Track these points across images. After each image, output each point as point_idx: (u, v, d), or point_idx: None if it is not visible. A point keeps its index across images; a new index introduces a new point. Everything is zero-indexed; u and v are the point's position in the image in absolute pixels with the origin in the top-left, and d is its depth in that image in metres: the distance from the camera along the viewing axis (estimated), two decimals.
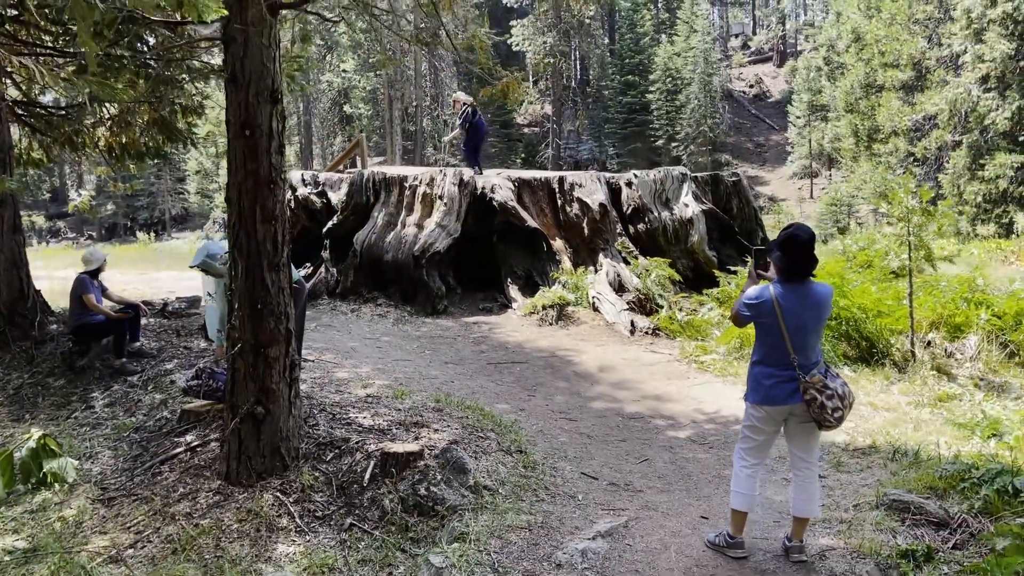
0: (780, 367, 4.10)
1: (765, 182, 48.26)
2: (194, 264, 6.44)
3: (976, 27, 29.72)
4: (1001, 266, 20.70)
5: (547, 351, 9.11)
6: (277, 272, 5.33)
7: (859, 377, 7.62)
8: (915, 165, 32.69)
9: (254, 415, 5.25)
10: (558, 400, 7.42)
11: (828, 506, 4.89)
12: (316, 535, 4.74)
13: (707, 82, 46.98)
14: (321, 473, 5.30)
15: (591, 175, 11.94)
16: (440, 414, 6.33)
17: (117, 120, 10.16)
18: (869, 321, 8.00)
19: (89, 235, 53.87)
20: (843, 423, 4.09)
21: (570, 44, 51.94)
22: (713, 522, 4.77)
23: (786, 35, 63.41)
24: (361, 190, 11.81)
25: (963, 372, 7.68)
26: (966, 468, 4.97)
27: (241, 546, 4.63)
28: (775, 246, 4.13)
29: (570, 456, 5.96)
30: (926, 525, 4.51)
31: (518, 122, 55.77)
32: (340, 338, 9.27)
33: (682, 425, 6.71)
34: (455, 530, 4.60)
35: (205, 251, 6.43)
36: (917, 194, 7.50)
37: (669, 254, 11.42)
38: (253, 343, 5.25)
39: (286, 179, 5.43)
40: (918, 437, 5.89)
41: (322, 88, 52.15)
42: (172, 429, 6.21)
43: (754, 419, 4.24)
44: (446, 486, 5.01)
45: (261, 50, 5.26)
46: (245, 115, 5.21)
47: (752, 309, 4.15)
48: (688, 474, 5.64)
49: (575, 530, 4.66)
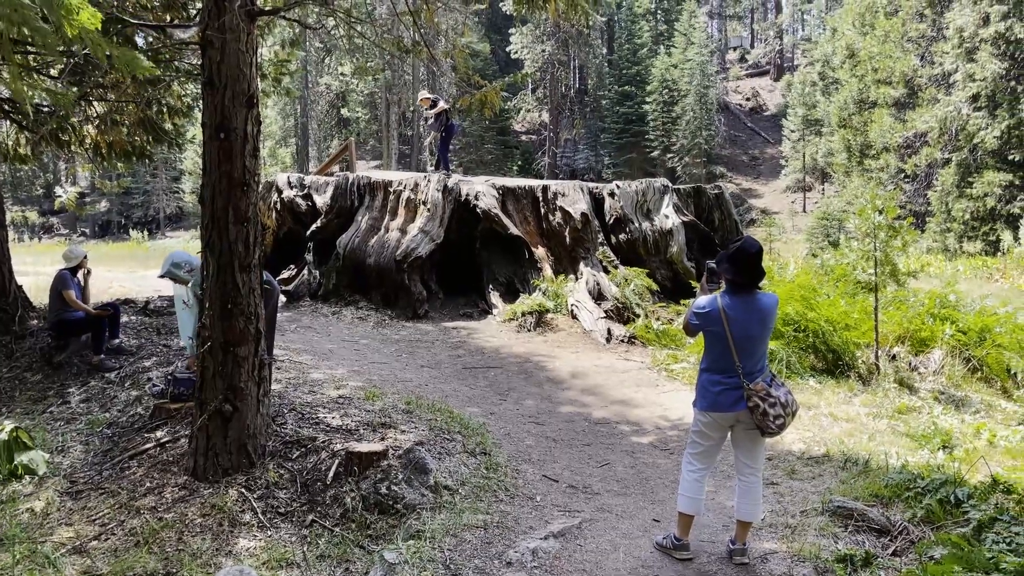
0: (726, 374, 4.24)
1: (759, 195, 48.52)
2: (161, 274, 6.55)
3: (968, 46, 30.01)
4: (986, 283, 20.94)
5: (523, 357, 9.25)
6: (248, 273, 5.46)
7: (824, 388, 7.77)
8: (905, 181, 32.96)
9: (222, 412, 5.37)
10: (528, 405, 7.55)
11: (776, 511, 5.03)
12: (278, 531, 4.86)
13: (703, 94, 47.26)
14: (286, 471, 5.42)
15: (574, 184, 12.10)
16: (409, 416, 6.46)
17: (104, 119, 10.30)
18: (836, 334, 8.16)
19: (82, 232, 53.91)
20: (785, 430, 4.24)
21: (568, 53, 52.24)
22: (664, 525, 4.90)
23: (783, 49, 63.80)
24: (346, 194, 11.96)
25: (925, 386, 7.84)
26: (912, 478, 5.11)
27: (203, 540, 4.74)
28: (724, 258, 4.28)
29: (534, 459, 6.09)
30: (868, 531, 4.65)
31: (515, 129, 56.05)
32: (319, 340, 9.39)
33: (646, 431, 6.85)
34: (412, 528, 4.73)
35: (170, 260, 6.55)
36: (884, 211, 7.66)
37: (649, 264, 11.57)
38: (222, 342, 5.37)
39: (259, 182, 5.55)
40: (871, 447, 6.03)
41: (320, 91, 52.38)
42: (144, 425, 6.33)
43: (701, 425, 4.38)
44: (407, 485, 5.13)
45: (238, 55, 5.39)
46: (220, 118, 5.34)
47: (700, 318, 4.29)
48: (646, 479, 5.77)
49: (529, 530, 4.79)
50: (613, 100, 50.22)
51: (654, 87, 48.00)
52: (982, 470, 5.27)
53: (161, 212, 52.00)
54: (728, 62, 65.65)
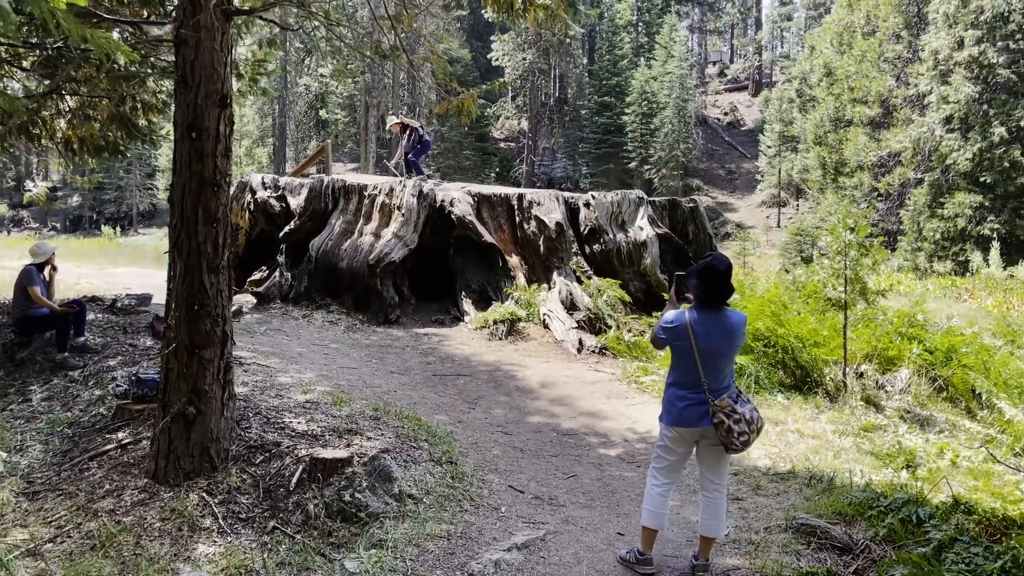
0: (692, 390, 4.25)
1: (734, 209, 48.94)
2: None
3: (943, 68, 30.53)
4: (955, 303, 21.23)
5: (493, 365, 9.22)
6: (217, 274, 5.39)
7: (792, 404, 7.82)
8: (878, 200, 33.43)
9: (185, 415, 5.30)
10: (497, 413, 7.52)
11: (740, 527, 5.04)
12: (238, 537, 4.79)
13: (682, 107, 47.62)
14: (249, 476, 5.35)
15: (550, 194, 12.11)
16: (376, 422, 6.41)
17: (77, 113, 10.15)
18: (805, 350, 8.22)
19: (53, 226, 53.15)
20: (750, 447, 4.25)
21: (549, 62, 52.39)
22: (629, 538, 4.89)
23: (762, 65, 64.54)
24: (320, 196, 11.88)
25: (892, 404, 7.92)
26: (875, 496, 5.15)
27: (161, 544, 4.66)
28: (693, 274, 4.29)
29: (500, 469, 6.06)
30: (830, 549, 4.67)
31: (494, 136, 56.10)
32: (288, 343, 9.31)
33: (614, 443, 6.85)
34: (374, 536, 4.68)
35: None
36: (855, 229, 7.74)
37: (622, 275, 11.60)
38: (188, 344, 5.30)
39: (231, 182, 5.50)
40: (836, 464, 6.08)
41: (299, 91, 52.09)
42: (105, 426, 6.22)
43: (667, 439, 4.38)
44: (371, 493, 5.08)
45: (212, 54, 5.34)
46: (193, 117, 5.29)
47: (668, 332, 4.30)
48: (612, 491, 5.76)
49: (493, 541, 4.76)
50: (592, 110, 50.45)
51: (633, 99, 48.27)
52: (944, 490, 5.32)
53: (134, 208, 51.40)
54: (707, 76, 66.23)
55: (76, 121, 10.12)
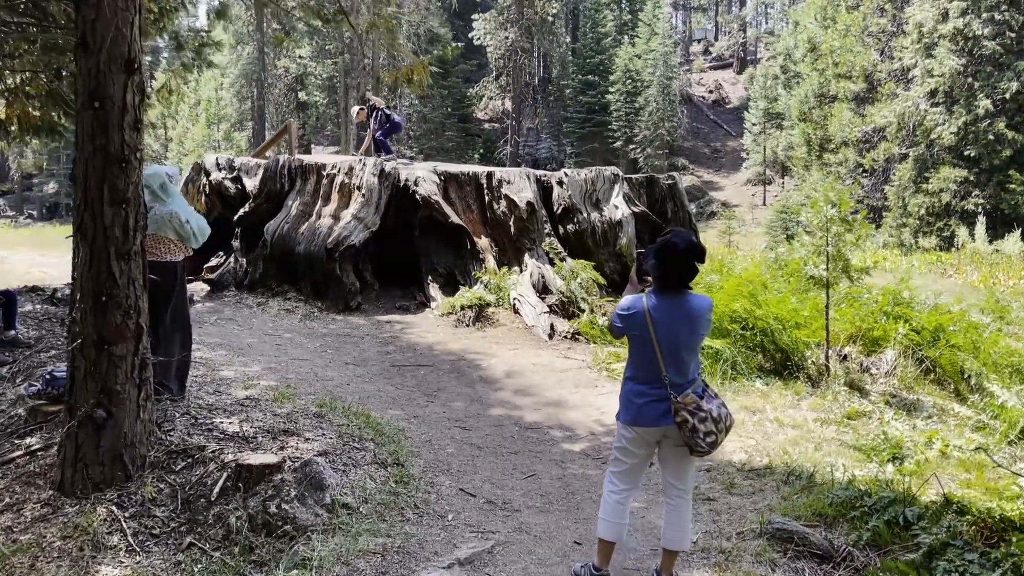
0: (652, 385, 3.74)
1: (720, 187, 48.45)
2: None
3: (927, 41, 30.03)
4: (940, 279, 20.86)
5: (457, 354, 8.69)
6: (127, 261, 4.84)
7: (771, 391, 7.33)
8: (863, 176, 33.00)
9: (94, 419, 4.75)
10: (456, 407, 7.00)
11: (711, 532, 4.55)
12: (149, 555, 4.27)
13: (666, 85, 46.98)
14: (167, 484, 4.81)
15: (521, 172, 11.55)
16: (319, 420, 5.88)
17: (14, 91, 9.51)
18: (785, 332, 7.73)
19: (29, 214, 52.20)
20: (717, 448, 3.74)
21: (532, 40, 51.53)
22: (586, 549, 4.39)
23: (747, 42, 63.81)
24: (276, 177, 11.25)
25: (877, 388, 7.44)
26: (858, 495, 4.66)
27: (59, 567, 4.14)
28: (651, 253, 3.76)
29: (453, 470, 5.55)
30: (808, 557, 4.20)
31: (478, 117, 55.32)
32: (238, 333, 8.74)
33: (579, 437, 6.35)
34: (298, 554, 4.16)
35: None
36: (837, 204, 7.23)
37: (597, 256, 11.08)
38: (96, 339, 4.75)
39: (142, 158, 4.92)
40: (817, 458, 5.59)
41: (278, 74, 51.09)
42: (17, 430, 5.66)
43: (625, 440, 3.87)
44: (299, 503, 4.56)
45: (116, 13, 4.75)
46: (94, 84, 4.72)
47: (623, 320, 3.78)
48: (572, 492, 5.26)
49: (433, 556, 4.25)
50: (576, 89, 49.72)
51: (617, 77, 47.58)
52: (934, 486, 4.84)
53: None
54: (692, 54, 65.58)
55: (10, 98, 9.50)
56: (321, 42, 47.94)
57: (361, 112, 13.36)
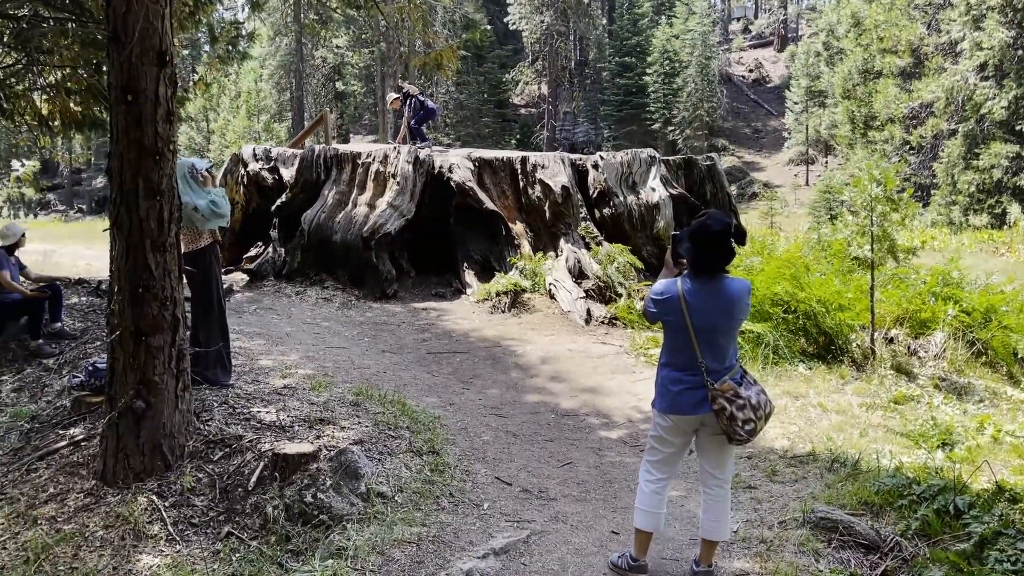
0: (688, 371, 3.65)
1: (761, 168, 47.70)
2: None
3: (975, 14, 29.08)
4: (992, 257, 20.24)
5: (492, 341, 8.65)
6: (162, 253, 4.87)
7: (814, 375, 7.16)
8: (910, 153, 32.13)
9: (133, 409, 4.80)
10: (492, 394, 6.96)
11: (752, 522, 4.45)
12: (188, 545, 4.30)
13: (705, 65, 46.30)
14: (206, 474, 4.85)
15: (555, 156, 11.42)
16: (355, 409, 5.89)
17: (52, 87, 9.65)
18: (829, 315, 7.53)
19: (79, 208, 53.33)
20: (756, 436, 3.64)
21: (568, 24, 51.10)
22: (624, 538, 4.32)
23: (787, 19, 62.53)
24: (312, 166, 11.28)
25: (925, 371, 7.22)
26: (906, 483, 4.52)
27: (101, 556, 4.19)
28: (685, 236, 3.66)
29: (488, 458, 5.51)
30: (854, 548, 4.07)
31: (514, 102, 55.10)
32: (277, 322, 8.80)
33: (616, 424, 6.26)
34: (334, 543, 4.16)
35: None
36: (882, 182, 7.00)
37: (634, 240, 10.93)
38: (133, 330, 4.79)
39: (175, 150, 4.94)
40: (862, 444, 5.43)
41: (315, 64, 51.38)
42: (61, 420, 5.76)
43: (661, 429, 3.79)
44: (335, 493, 4.55)
45: (147, 6, 4.76)
46: (127, 78, 4.74)
47: (658, 305, 3.69)
48: (610, 480, 5.19)
49: (469, 545, 4.22)
50: (613, 72, 49.21)
51: (655, 58, 47.01)
52: (986, 473, 4.68)
53: None
54: (731, 33, 64.48)
55: (52, 95, 9.65)
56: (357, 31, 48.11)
57: (395, 100, 13.30)
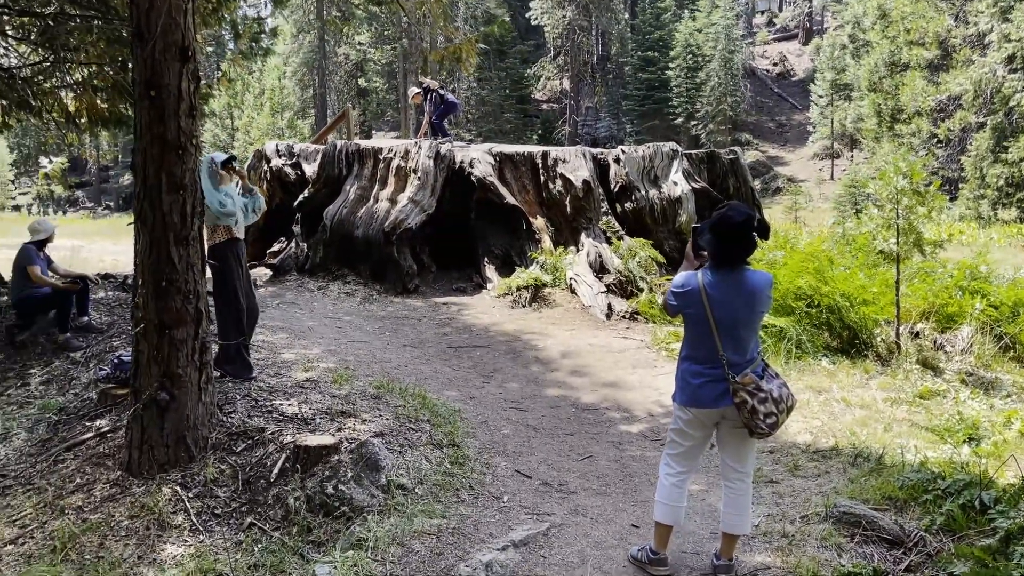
0: (708, 365, 3.63)
1: (785, 162, 47.25)
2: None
3: (1003, 5, 28.63)
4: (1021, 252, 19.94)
5: (513, 335, 8.65)
6: (185, 247, 4.92)
7: (838, 370, 7.09)
8: (938, 147, 31.69)
9: (157, 401, 4.87)
10: (512, 388, 6.96)
11: (774, 516, 4.42)
12: (211, 535, 4.35)
13: (728, 59, 45.92)
14: (228, 466, 4.90)
15: (576, 150, 11.39)
16: (376, 402, 5.91)
17: (78, 84, 9.77)
18: (853, 309, 7.45)
19: (107, 204, 54.01)
20: (778, 430, 3.61)
21: (590, 18, 50.88)
22: (644, 532, 4.31)
23: (812, 12, 61.82)
24: (334, 162, 11.34)
25: (952, 366, 7.13)
26: (931, 478, 4.47)
27: (126, 546, 4.25)
28: (706, 228, 3.64)
29: (508, 451, 5.52)
30: (877, 542, 4.03)
31: (536, 98, 54.98)
32: (299, 316, 8.86)
33: (637, 418, 6.24)
34: (354, 535, 4.18)
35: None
36: (908, 174, 6.91)
37: (656, 234, 10.89)
38: (157, 323, 4.85)
39: (198, 145, 4.98)
40: (886, 439, 5.38)
41: (338, 61, 51.62)
42: (88, 412, 5.84)
43: (681, 422, 3.77)
44: (356, 484, 4.58)
45: (170, 2, 4.81)
46: (150, 74, 4.80)
47: (678, 298, 3.67)
48: (630, 474, 5.18)
49: (488, 537, 4.23)
50: (635, 66, 48.94)
51: (677, 52, 46.70)
52: (1012, 468, 4.61)
53: None
54: (755, 26, 63.89)
55: (79, 92, 9.76)
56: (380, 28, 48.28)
57: (417, 95, 13.31)
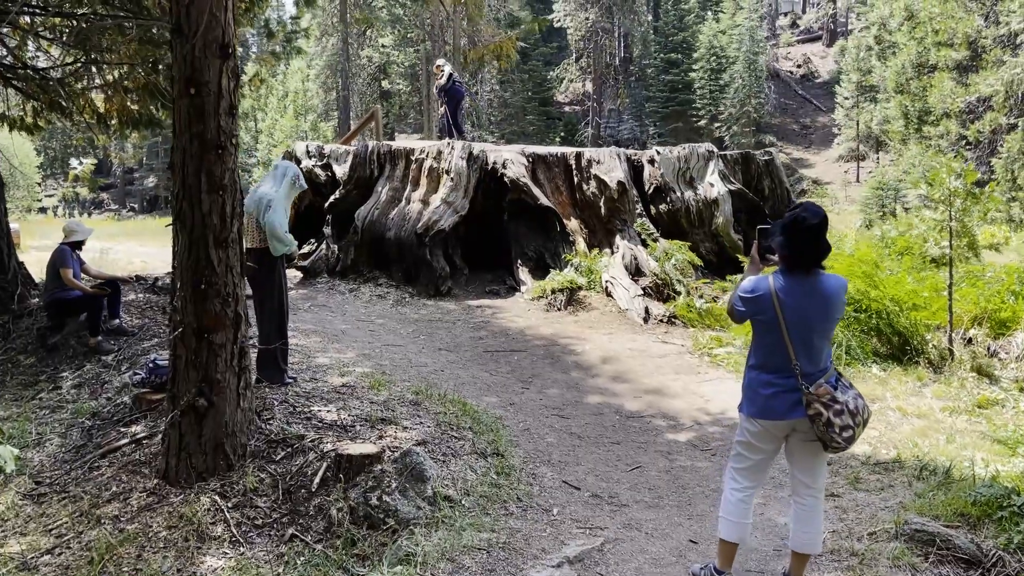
0: (780, 374, 3.43)
1: (810, 165, 46.76)
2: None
3: None
4: None
5: (549, 339, 8.47)
6: (224, 248, 4.78)
7: (889, 377, 6.85)
8: (967, 149, 31.17)
9: (196, 407, 4.72)
10: (552, 394, 6.78)
11: (839, 532, 4.21)
12: (252, 547, 4.20)
13: (752, 61, 45.55)
14: (268, 474, 4.75)
15: (611, 151, 11.21)
16: (416, 408, 5.75)
17: (110, 85, 9.71)
18: (903, 315, 7.21)
19: (131, 207, 54.39)
20: (854, 443, 3.41)
21: (612, 20, 50.62)
22: (704, 548, 4.12)
23: (837, 13, 61.17)
24: (365, 163, 11.22)
25: (1007, 374, 6.87)
26: (1005, 493, 4.23)
27: (164, 558, 4.10)
28: (778, 229, 3.44)
29: (554, 460, 5.34)
30: (953, 562, 3.82)
31: (558, 100, 54.80)
32: (332, 320, 8.73)
33: (684, 427, 6.04)
34: (402, 549, 4.01)
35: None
36: (962, 175, 6.66)
37: (692, 236, 10.68)
38: (196, 327, 4.71)
39: (238, 144, 4.85)
40: (950, 451, 5.14)
41: (361, 63, 51.70)
42: (123, 418, 5.72)
43: (749, 434, 3.58)
44: (401, 495, 4.42)
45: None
46: (191, 71, 4.66)
47: (747, 304, 3.48)
48: (683, 486, 4.98)
49: (541, 553, 4.04)
50: (659, 68, 48.67)
51: (701, 54, 46.39)
52: None
53: None
54: (779, 28, 63.27)
55: (110, 93, 9.70)
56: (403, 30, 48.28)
57: (439, 67, 13.18)
